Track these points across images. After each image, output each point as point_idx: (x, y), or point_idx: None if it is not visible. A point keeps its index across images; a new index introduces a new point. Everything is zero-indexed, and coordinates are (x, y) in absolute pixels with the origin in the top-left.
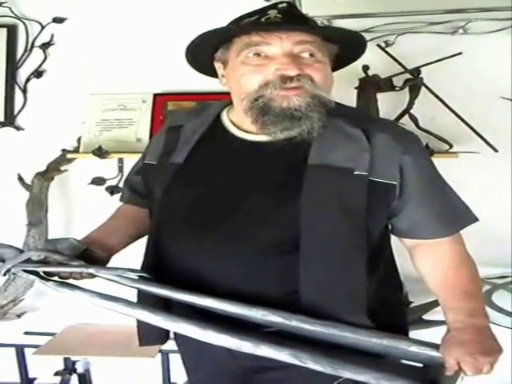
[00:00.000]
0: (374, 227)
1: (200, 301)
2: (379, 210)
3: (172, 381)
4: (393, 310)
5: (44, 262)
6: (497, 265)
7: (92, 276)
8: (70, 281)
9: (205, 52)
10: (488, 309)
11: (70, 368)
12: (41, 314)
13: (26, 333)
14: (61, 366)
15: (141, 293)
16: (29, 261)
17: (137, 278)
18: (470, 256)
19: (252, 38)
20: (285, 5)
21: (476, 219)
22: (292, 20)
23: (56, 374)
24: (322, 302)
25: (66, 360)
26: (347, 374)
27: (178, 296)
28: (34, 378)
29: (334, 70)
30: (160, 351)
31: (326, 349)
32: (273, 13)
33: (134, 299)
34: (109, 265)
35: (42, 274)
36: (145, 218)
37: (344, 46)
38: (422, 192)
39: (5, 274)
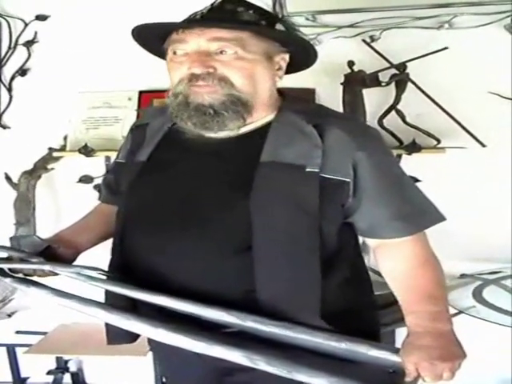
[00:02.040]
0: (329, 226)
1: (155, 299)
2: (332, 208)
3: (163, 379)
4: (359, 312)
5: (7, 259)
6: (489, 260)
7: (54, 273)
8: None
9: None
10: (479, 305)
11: (62, 367)
12: (32, 313)
13: (18, 332)
14: (53, 365)
15: (108, 291)
16: None
17: (96, 275)
18: (434, 257)
19: (173, 37)
20: (223, 1)
21: (443, 218)
22: (215, 16)
23: (48, 373)
24: (278, 302)
25: (58, 359)
26: (301, 377)
27: (133, 294)
28: (27, 378)
29: (293, 71)
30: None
31: (288, 351)
32: (205, 9)
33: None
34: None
35: (6, 270)
36: None
37: (290, 46)
38: (377, 190)
39: None
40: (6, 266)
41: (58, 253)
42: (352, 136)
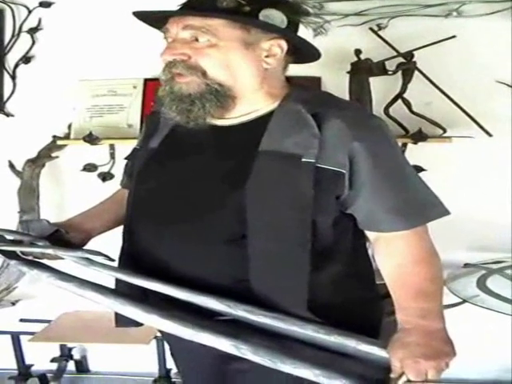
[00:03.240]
0: (323, 217)
1: (150, 285)
2: (327, 199)
3: (167, 367)
4: (356, 305)
5: (16, 242)
6: (493, 250)
7: (58, 256)
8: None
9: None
10: (483, 294)
11: (66, 355)
12: (36, 302)
13: (22, 320)
14: (57, 353)
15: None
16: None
17: (97, 260)
18: (434, 253)
19: (166, 25)
20: None
21: (446, 213)
22: (190, 4)
23: (52, 360)
24: (270, 293)
25: (62, 347)
26: (286, 367)
27: (131, 279)
28: (31, 365)
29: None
30: (155, 338)
31: (280, 341)
32: None
33: None
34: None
35: (18, 252)
36: None
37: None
38: (375, 182)
39: None
40: (11, 249)
41: (67, 237)
42: (351, 126)
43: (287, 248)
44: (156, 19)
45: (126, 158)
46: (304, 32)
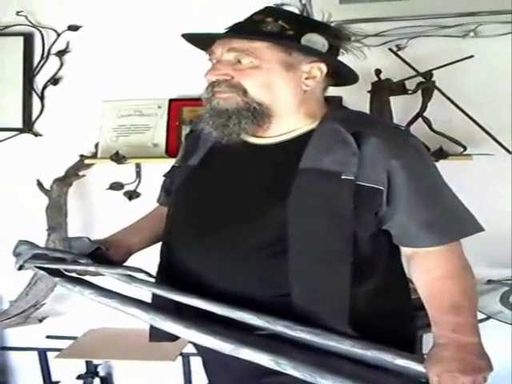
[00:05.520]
0: (362, 232)
1: (189, 301)
2: (366, 215)
3: None
4: (392, 319)
5: (60, 259)
6: None
7: (99, 273)
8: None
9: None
10: (506, 310)
11: (92, 371)
12: (62, 318)
13: (48, 336)
14: (83, 370)
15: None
16: (44, 257)
17: (137, 276)
18: (467, 268)
19: (211, 47)
20: (257, 12)
21: (480, 229)
22: (239, 28)
23: (78, 377)
24: (311, 307)
25: (88, 363)
26: (325, 382)
27: (170, 295)
28: (58, 382)
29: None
30: (181, 354)
31: (318, 355)
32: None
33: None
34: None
35: (62, 270)
36: None
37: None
38: (411, 199)
39: (20, 269)
40: (54, 267)
41: (107, 254)
42: (388, 144)
43: (328, 262)
44: (202, 41)
45: (164, 176)
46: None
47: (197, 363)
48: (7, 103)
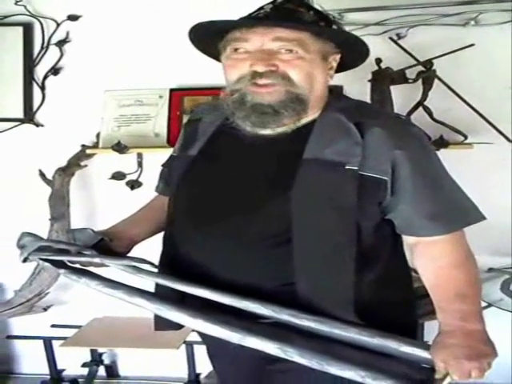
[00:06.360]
0: (366, 222)
1: (195, 291)
2: (370, 205)
3: (197, 371)
4: (395, 308)
5: (65, 251)
6: None
7: (104, 264)
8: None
9: (208, 38)
10: (506, 298)
11: (96, 359)
12: (66, 307)
13: (53, 325)
14: (88, 358)
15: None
16: (48, 249)
17: (142, 267)
18: (471, 256)
19: (233, 34)
20: (284, 0)
21: (482, 217)
22: (278, 16)
23: (83, 365)
24: (316, 295)
25: (92, 352)
26: (332, 369)
27: (175, 285)
28: (63, 370)
29: (341, 70)
30: (184, 342)
31: (323, 342)
32: (267, 8)
33: None
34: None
35: (66, 261)
36: None
37: (343, 46)
38: (415, 189)
39: (24, 261)
40: (59, 259)
41: (111, 245)
42: (392, 134)
43: (332, 252)
44: (213, 31)
45: (162, 166)
46: None
47: (201, 351)
48: (8, 94)
